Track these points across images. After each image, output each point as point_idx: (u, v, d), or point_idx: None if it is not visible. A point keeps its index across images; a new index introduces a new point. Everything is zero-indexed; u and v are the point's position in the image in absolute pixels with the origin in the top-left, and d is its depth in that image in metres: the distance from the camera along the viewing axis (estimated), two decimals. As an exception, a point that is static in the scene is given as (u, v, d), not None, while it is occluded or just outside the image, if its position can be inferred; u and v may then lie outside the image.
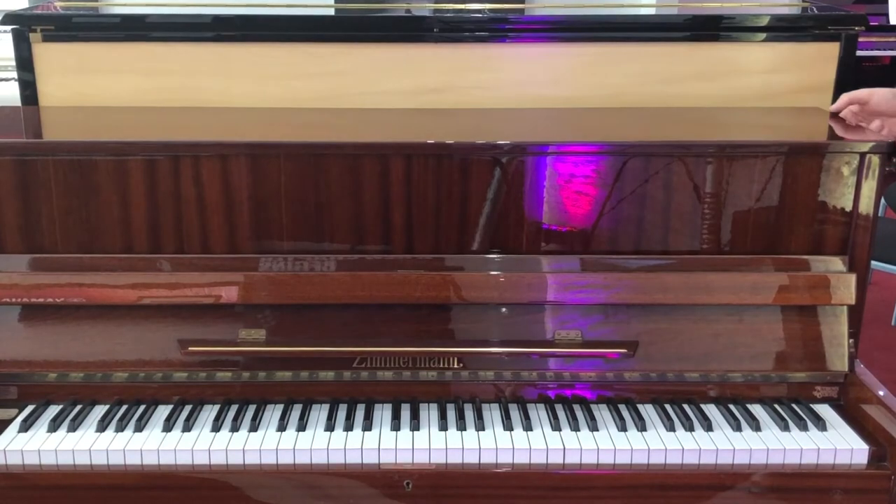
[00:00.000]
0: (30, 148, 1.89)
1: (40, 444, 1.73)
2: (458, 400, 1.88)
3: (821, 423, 1.81)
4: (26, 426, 1.78)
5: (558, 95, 2.28)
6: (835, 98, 2.17)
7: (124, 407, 1.85)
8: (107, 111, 2.22)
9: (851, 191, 1.91)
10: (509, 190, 1.90)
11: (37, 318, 1.87)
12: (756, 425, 1.80)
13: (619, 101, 2.28)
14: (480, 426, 1.79)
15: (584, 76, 2.28)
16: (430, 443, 1.74)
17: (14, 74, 2.32)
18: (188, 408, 1.85)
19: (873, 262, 2.14)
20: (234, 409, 1.84)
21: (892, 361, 3.53)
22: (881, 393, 1.82)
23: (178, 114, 2.20)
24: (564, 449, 1.73)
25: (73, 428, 1.78)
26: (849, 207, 1.92)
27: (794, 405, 1.87)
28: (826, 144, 1.92)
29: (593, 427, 1.79)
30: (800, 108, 2.26)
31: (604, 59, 2.28)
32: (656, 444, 1.75)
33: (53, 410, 1.84)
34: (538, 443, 1.74)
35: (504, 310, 1.89)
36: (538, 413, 1.85)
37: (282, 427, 1.79)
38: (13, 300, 1.86)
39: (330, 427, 1.79)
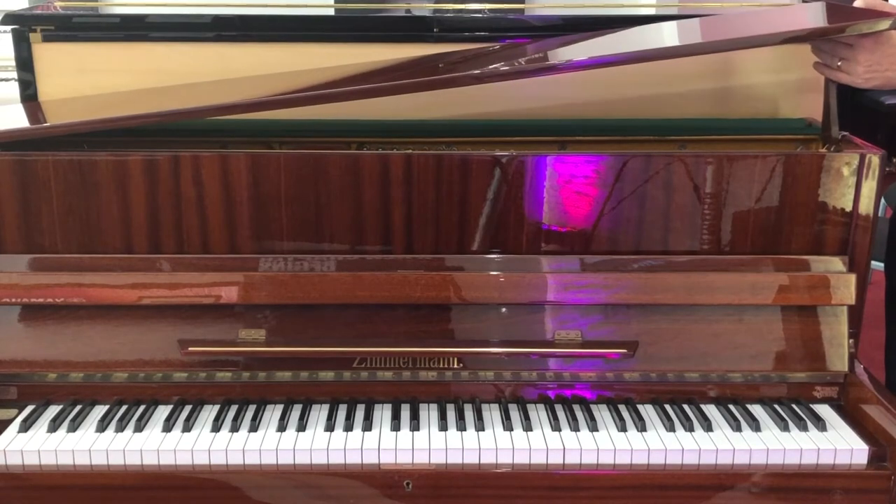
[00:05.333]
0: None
1: (40, 445, 1.73)
2: (458, 400, 1.88)
3: (821, 424, 1.81)
4: (26, 426, 1.78)
5: (560, 96, 2.27)
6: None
7: (124, 407, 1.85)
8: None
9: (851, 191, 1.90)
10: (509, 190, 1.90)
11: (37, 318, 1.87)
12: (756, 425, 1.80)
13: (619, 101, 2.27)
14: (480, 426, 1.79)
15: (586, 75, 2.27)
16: (430, 443, 1.74)
17: (14, 74, 2.32)
18: (188, 408, 1.85)
19: (873, 262, 2.13)
20: (233, 409, 1.84)
21: (892, 361, 3.52)
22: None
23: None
24: (564, 449, 1.73)
25: (72, 428, 1.78)
26: (849, 207, 1.91)
27: (793, 405, 1.87)
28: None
29: (593, 427, 1.79)
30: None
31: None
32: (656, 444, 1.75)
33: (53, 410, 1.84)
34: (538, 443, 1.74)
35: (504, 310, 1.89)
36: (538, 413, 1.85)
37: (282, 427, 1.79)
38: (13, 300, 1.85)
39: (330, 427, 1.79)
